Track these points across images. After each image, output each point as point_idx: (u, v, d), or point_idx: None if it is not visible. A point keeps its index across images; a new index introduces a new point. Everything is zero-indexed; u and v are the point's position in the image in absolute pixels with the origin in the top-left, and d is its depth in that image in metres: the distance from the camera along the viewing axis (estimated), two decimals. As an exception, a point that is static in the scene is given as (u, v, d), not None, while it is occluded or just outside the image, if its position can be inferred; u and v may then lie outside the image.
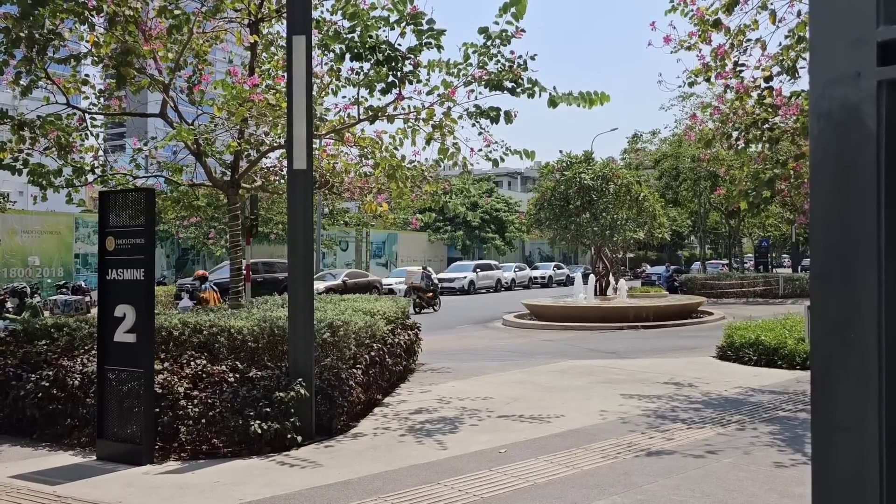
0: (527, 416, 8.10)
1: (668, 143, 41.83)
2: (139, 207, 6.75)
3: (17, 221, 27.07)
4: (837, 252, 1.63)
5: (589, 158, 25.77)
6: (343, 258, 42.91)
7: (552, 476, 5.88)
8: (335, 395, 7.46)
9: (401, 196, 11.53)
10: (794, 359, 11.17)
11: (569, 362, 12.47)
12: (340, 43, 8.71)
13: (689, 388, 9.79)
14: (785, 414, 8.13)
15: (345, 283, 28.84)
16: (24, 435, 7.33)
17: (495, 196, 55.50)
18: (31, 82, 9.36)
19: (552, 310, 21.62)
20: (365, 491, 5.57)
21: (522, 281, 45.26)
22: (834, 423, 1.66)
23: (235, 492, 5.58)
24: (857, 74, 1.53)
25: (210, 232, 28.19)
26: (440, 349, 14.53)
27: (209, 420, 6.78)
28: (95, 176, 11.05)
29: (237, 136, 10.52)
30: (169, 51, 9.92)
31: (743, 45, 8.98)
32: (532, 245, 62.90)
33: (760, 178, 9.50)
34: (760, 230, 44.92)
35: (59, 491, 5.66)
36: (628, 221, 24.06)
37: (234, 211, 10.81)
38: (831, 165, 1.63)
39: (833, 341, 1.67)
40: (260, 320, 7.82)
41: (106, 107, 11.12)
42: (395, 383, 10.08)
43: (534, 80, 8.72)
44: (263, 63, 11.06)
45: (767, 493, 5.42)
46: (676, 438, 7.06)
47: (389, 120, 9.65)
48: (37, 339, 8.02)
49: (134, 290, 6.69)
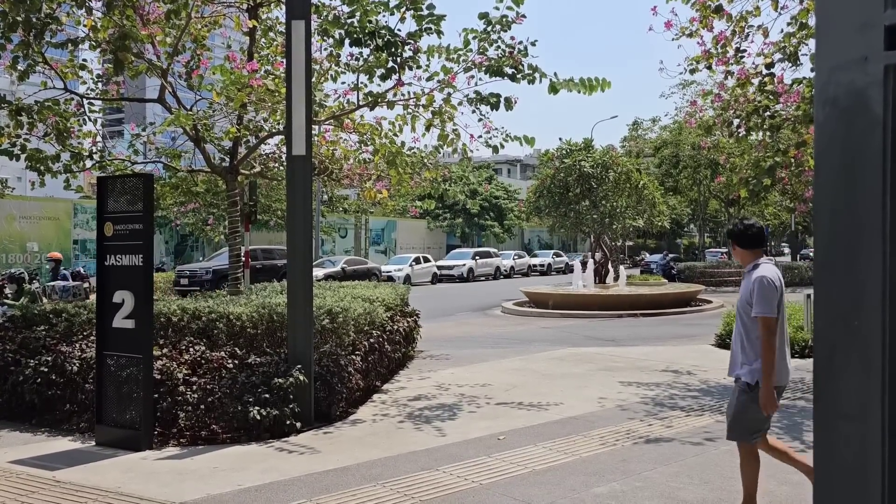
0: (525, 404, 8.11)
1: (668, 131, 41.74)
2: (137, 193, 6.72)
3: (15, 207, 26.99)
4: (842, 240, 1.61)
5: (589, 146, 25.70)
6: (342, 245, 42.88)
7: (551, 463, 5.89)
8: (334, 381, 7.46)
9: (400, 183, 11.49)
10: (793, 347, 11.18)
11: (567, 350, 12.48)
12: (340, 28, 8.65)
13: (687, 375, 9.80)
14: (783, 402, 8.13)
15: (344, 270, 28.83)
16: (23, 420, 7.33)
17: (495, 183, 55.39)
18: (28, 67, 9.28)
19: (551, 297, 21.62)
20: (364, 477, 5.58)
21: (521, 269, 45.26)
22: (837, 412, 1.65)
23: (234, 477, 5.59)
24: (863, 59, 1.51)
25: (209, 218, 28.13)
26: (439, 336, 14.55)
27: (208, 406, 6.78)
28: (94, 162, 11.00)
29: (236, 122, 10.47)
30: (167, 35, 9.84)
31: (745, 31, 8.92)
32: (531, 233, 62.86)
33: (761, 166, 9.47)
34: (760, 219, 44.91)
35: (59, 476, 5.66)
36: (628, 209, 24.03)
37: (233, 197, 10.78)
38: (837, 152, 1.61)
39: (837, 330, 1.66)
40: (259, 307, 7.81)
41: (104, 92, 11.05)
42: (394, 370, 10.09)
43: (534, 66, 8.68)
44: (262, 48, 10.99)
45: (766, 481, 5.42)
46: (675, 426, 7.07)
47: (389, 106, 9.60)
48: (35, 324, 8.00)
49: (132, 275, 6.67)
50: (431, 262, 38.04)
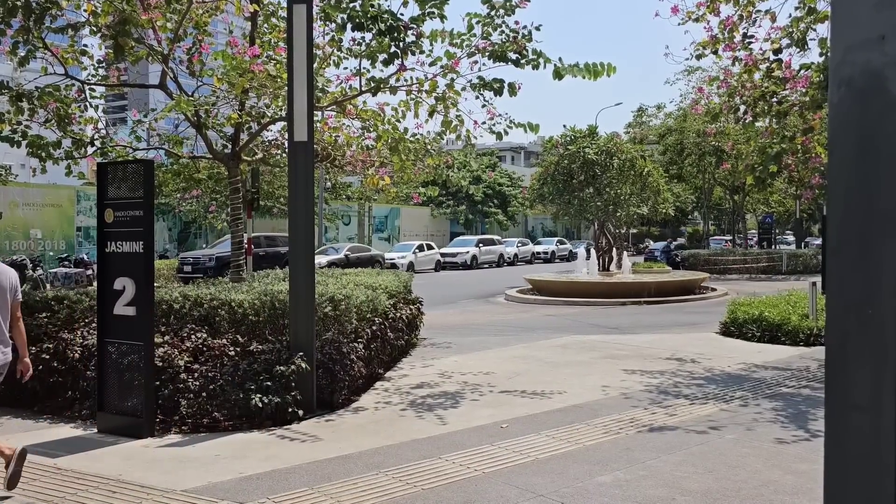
0: (528, 392, 8.08)
1: (672, 118, 41.54)
2: (138, 179, 6.67)
3: (18, 194, 27.00)
4: (855, 226, 1.55)
5: (593, 133, 25.59)
6: (345, 232, 42.86)
7: (554, 451, 5.86)
8: (336, 369, 7.44)
9: (403, 170, 11.43)
10: (798, 335, 11.14)
11: (571, 337, 12.45)
12: (342, 12, 8.56)
13: (691, 363, 9.76)
14: (788, 390, 8.10)
15: (347, 258, 28.82)
16: (25, 407, 7.33)
17: (498, 170, 55.25)
18: (28, 52, 9.22)
19: (555, 285, 21.58)
20: (366, 465, 5.56)
21: (525, 256, 45.23)
22: (849, 403, 1.60)
23: (236, 465, 5.57)
24: (881, 38, 1.45)
25: (211, 205, 28.09)
26: (442, 324, 14.52)
27: (210, 393, 6.76)
28: (95, 148, 10.95)
29: (238, 108, 10.40)
30: (168, 21, 9.77)
31: (752, 16, 8.82)
32: (535, 220, 62.77)
33: (767, 153, 9.39)
34: (765, 206, 44.74)
35: (60, 463, 5.65)
36: (632, 196, 23.92)
37: (235, 184, 10.73)
38: (851, 135, 1.55)
39: (849, 319, 1.61)
40: (261, 294, 7.77)
41: (105, 77, 10.99)
42: (396, 358, 10.06)
43: (538, 51, 8.59)
44: (264, 34, 10.89)
45: (771, 470, 5.39)
46: (679, 414, 7.04)
47: (392, 92, 9.52)
48: (37, 311, 7.98)
49: (133, 262, 6.63)
50: (435, 250, 38.02)
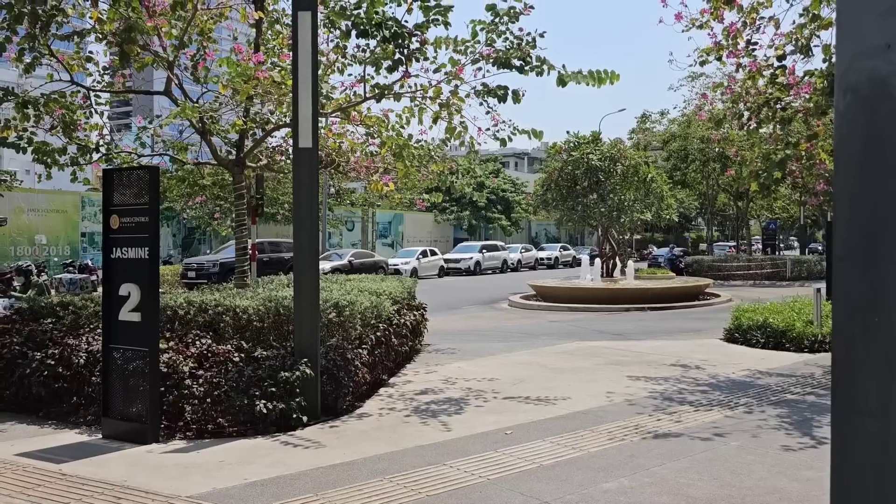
0: (533, 398, 8.07)
1: (676, 124, 41.50)
2: (143, 186, 6.69)
3: (23, 200, 27.10)
4: (862, 232, 1.55)
5: (597, 139, 25.58)
6: (349, 238, 42.92)
7: (558, 458, 5.85)
8: (340, 375, 7.43)
9: (407, 176, 11.45)
10: (803, 342, 11.11)
11: (575, 344, 12.44)
12: (346, 19, 8.59)
13: (696, 370, 9.74)
14: (793, 397, 8.07)
15: (351, 264, 28.84)
16: (30, 413, 7.34)
17: (502, 176, 55.29)
18: (34, 59, 9.26)
19: (559, 291, 21.56)
20: (370, 471, 5.55)
21: (528, 262, 45.23)
22: (856, 409, 1.60)
23: (240, 471, 5.57)
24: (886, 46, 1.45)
25: (215, 211, 28.16)
26: (446, 330, 14.52)
27: (214, 399, 6.77)
28: (100, 154, 10.99)
29: (242, 115, 10.43)
30: (173, 27, 9.81)
31: (756, 22, 8.83)
32: (538, 226, 62.75)
33: (771, 159, 9.39)
34: (769, 212, 44.67)
35: (65, 469, 5.66)
36: (636, 202, 23.92)
37: (240, 190, 10.76)
38: (858, 141, 1.55)
39: (856, 325, 1.61)
40: (265, 300, 7.78)
41: (110, 84, 11.03)
42: (400, 364, 10.06)
43: (542, 58, 8.61)
44: (269, 40, 10.94)
45: (776, 477, 5.38)
46: (684, 421, 7.02)
47: (396, 98, 9.55)
48: (42, 317, 8.00)
49: (139, 268, 6.65)
50: (438, 256, 38.03)
